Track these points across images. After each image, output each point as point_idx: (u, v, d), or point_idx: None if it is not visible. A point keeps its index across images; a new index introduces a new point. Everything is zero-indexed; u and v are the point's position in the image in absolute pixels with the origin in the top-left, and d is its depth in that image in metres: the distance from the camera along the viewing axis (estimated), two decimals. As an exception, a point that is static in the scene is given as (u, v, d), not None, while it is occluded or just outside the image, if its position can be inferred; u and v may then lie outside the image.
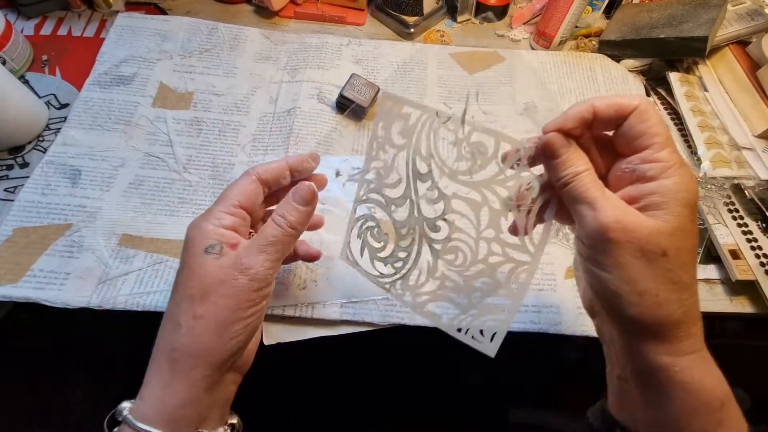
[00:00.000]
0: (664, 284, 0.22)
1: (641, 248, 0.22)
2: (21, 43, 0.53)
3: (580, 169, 0.24)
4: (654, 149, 0.23)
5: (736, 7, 0.57)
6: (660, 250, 0.22)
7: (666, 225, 0.22)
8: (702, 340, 0.24)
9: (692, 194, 0.23)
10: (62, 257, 0.42)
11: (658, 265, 0.22)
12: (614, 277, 0.23)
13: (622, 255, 0.22)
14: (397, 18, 0.62)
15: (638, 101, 0.24)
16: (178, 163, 0.49)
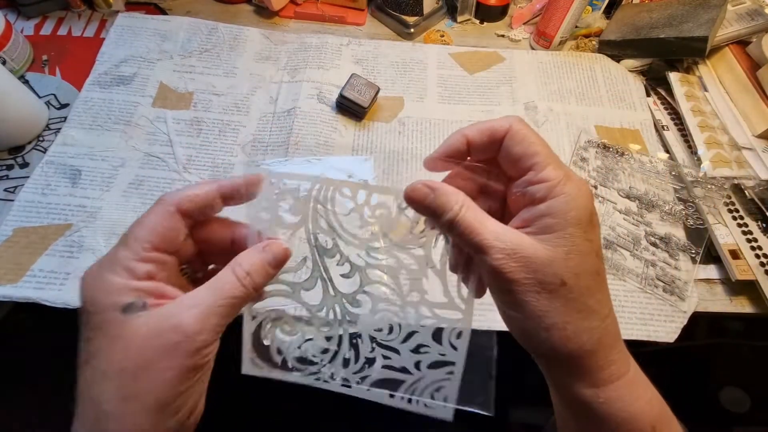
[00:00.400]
0: (570, 315, 0.21)
1: (539, 281, 0.21)
2: (21, 43, 0.53)
3: (450, 216, 0.22)
4: (536, 169, 0.22)
5: (736, 7, 0.57)
6: (558, 280, 0.21)
7: (559, 250, 0.21)
8: (626, 363, 0.23)
9: (583, 210, 0.21)
10: (62, 257, 0.42)
11: (559, 295, 0.21)
12: (520, 315, 0.22)
13: (521, 292, 0.21)
14: (397, 18, 0.62)
15: (509, 123, 0.23)
16: (178, 163, 0.49)
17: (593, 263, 0.22)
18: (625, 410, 0.22)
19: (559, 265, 0.21)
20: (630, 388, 0.23)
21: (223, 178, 0.26)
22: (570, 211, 0.21)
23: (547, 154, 0.23)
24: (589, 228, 0.22)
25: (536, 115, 0.55)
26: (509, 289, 0.21)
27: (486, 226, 0.22)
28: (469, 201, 0.23)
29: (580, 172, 0.50)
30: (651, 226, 0.47)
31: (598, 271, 0.22)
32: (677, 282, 0.44)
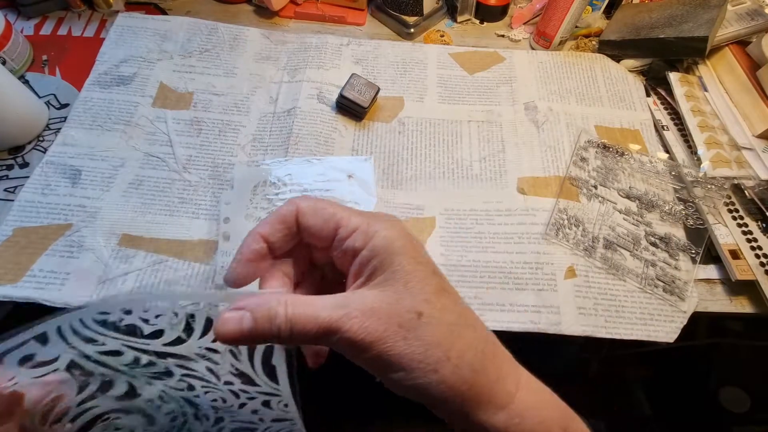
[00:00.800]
0: (444, 342, 0.20)
1: (399, 325, 0.20)
2: (21, 43, 0.53)
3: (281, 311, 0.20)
4: (343, 224, 0.22)
5: (736, 7, 0.57)
6: (413, 314, 0.20)
7: (398, 286, 0.20)
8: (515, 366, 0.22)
9: (402, 237, 0.21)
10: (62, 257, 0.42)
11: (422, 327, 0.20)
12: (403, 372, 0.20)
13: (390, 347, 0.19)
14: (397, 18, 0.62)
15: (295, 204, 0.22)
16: (178, 163, 0.49)
17: (436, 283, 0.21)
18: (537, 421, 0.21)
19: (405, 299, 0.20)
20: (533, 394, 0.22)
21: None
22: (390, 244, 0.21)
23: (343, 209, 0.22)
24: (415, 252, 0.21)
25: (536, 115, 0.55)
26: (378, 353, 0.19)
27: (321, 305, 0.20)
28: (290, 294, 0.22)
29: (580, 172, 0.50)
30: (651, 226, 0.47)
31: (444, 287, 0.21)
32: (677, 282, 0.44)
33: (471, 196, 0.49)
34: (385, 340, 0.19)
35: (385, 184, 0.49)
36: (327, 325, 0.19)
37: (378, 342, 0.19)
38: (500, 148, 0.52)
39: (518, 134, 0.53)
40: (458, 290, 0.41)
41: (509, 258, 0.45)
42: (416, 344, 0.19)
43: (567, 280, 0.44)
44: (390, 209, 0.47)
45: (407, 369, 0.19)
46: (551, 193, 0.49)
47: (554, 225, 0.46)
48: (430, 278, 0.21)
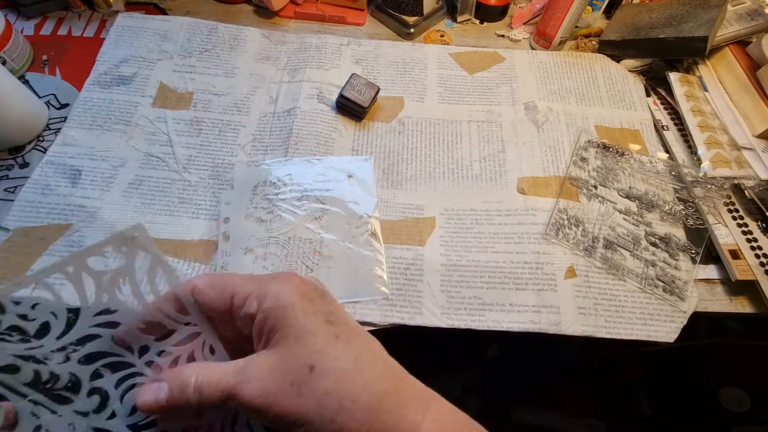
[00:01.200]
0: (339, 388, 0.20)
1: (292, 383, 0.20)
2: (21, 43, 0.53)
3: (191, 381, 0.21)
4: (237, 292, 0.23)
5: (736, 7, 0.57)
6: (305, 369, 0.20)
7: (290, 342, 0.21)
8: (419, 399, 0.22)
9: (292, 294, 0.22)
10: (62, 257, 0.42)
11: (317, 380, 0.20)
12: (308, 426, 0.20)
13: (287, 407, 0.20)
14: (397, 18, 0.62)
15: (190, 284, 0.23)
16: (178, 163, 0.49)
17: (327, 331, 0.22)
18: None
19: (297, 355, 0.21)
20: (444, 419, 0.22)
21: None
22: (280, 301, 0.22)
23: (234, 280, 0.23)
24: (306, 304, 0.22)
25: (536, 115, 0.55)
26: (276, 413, 0.20)
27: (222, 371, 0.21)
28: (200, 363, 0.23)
29: (580, 172, 0.50)
30: (651, 226, 0.47)
31: (337, 334, 0.22)
32: (677, 282, 0.44)
33: (471, 196, 0.49)
34: (279, 401, 0.20)
35: (385, 184, 0.49)
36: (228, 390, 0.20)
37: (273, 404, 0.20)
38: (500, 148, 0.52)
39: (518, 134, 0.53)
40: (458, 290, 0.41)
41: (509, 258, 0.45)
42: (310, 398, 0.20)
43: (567, 280, 0.44)
44: (390, 209, 0.47)
45: (306, 423, 0.20)
46: (551, 193, 0.49)
47: (554, 225, 0.46)
48: (322, 328, 0.22)
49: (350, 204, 0.46)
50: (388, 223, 0.46)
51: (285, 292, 0.22)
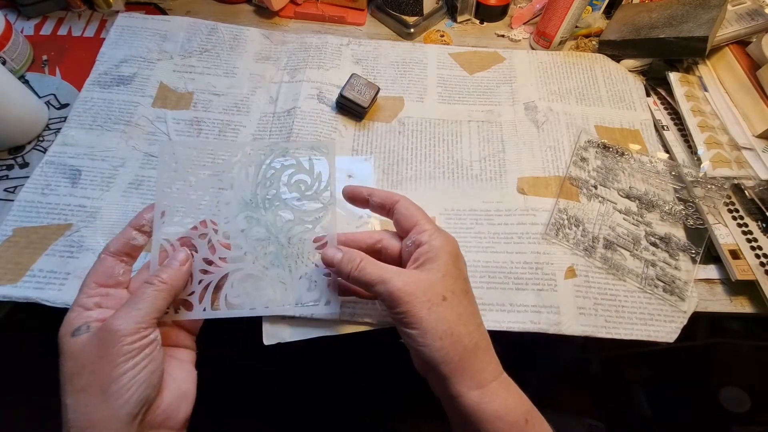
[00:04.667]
0: (454, 322, 0.28)
1: (428, 300, 0.28)
2: (21, 43, 0.53)
3: (356, 263, 0.31)
4: (419, 224, 0.32)
5: (736, 7, 0.57)
6: (439, 296, 0.28)
7: (438, 274, 0.29)
8: (499, 366, 0.29)
9: (453, 247, 0.31)
10: (62, 257, 0.42)
11: (443, 308, 0.28)
12: (418, 331, 0.28)
13: (416, 311, 0.28)
14: (397, 18, 0.62)
15: (400, 197, 0.34)
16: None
17: (462, 285, 0.30)
18: (504, 405, 0.27)
19: (439, 285, 0.29)
20: (507, 386, 0.29)
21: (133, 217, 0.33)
22: (443, 246, 0.30)
23: (425, 216, 0.33)
24: (458, 261, 0.31)
25: (536, 115, 0.55)
26: (406, 310, 0.28)
27: (384, 266, 0.30)
28: (368, 257, 0.31)
29: (580, 172, 0.50)
30: (651, 226, 0.47)
31: (467, 290, 0.30)
32: (677, 282, 0.44)
33: (471, 196, 0.49)
34: (414, 303, 0.28)
35: (385, 184, 0.49)
36: (381, 277, 0.29)
37: (409, 302, 0.28)
38: (500, 148, 0.52)
39: (518, 134, 0.53)
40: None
41: (509, 258, 0.45)
42: (434, 316, 0.28)
43: (567, 280, 0.44)
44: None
45: (422, 329, 0.28)
46: (551, 193, 0.49)
47: (554, 225, 0.46)
48: (460, 281, 0.30)
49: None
50: (388, 223, 0.46)
51: (450, 243, 0.31)
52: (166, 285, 0.30)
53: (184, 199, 0.34)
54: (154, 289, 0.29)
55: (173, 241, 0.33)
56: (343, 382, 0.78)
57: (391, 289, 0.29)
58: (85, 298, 0.29)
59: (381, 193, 0.35)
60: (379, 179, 0.49)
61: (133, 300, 0.29)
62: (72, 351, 0.27)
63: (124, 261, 0.32)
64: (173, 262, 0.31)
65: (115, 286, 0.31)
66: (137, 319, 0.28)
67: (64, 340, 0.27)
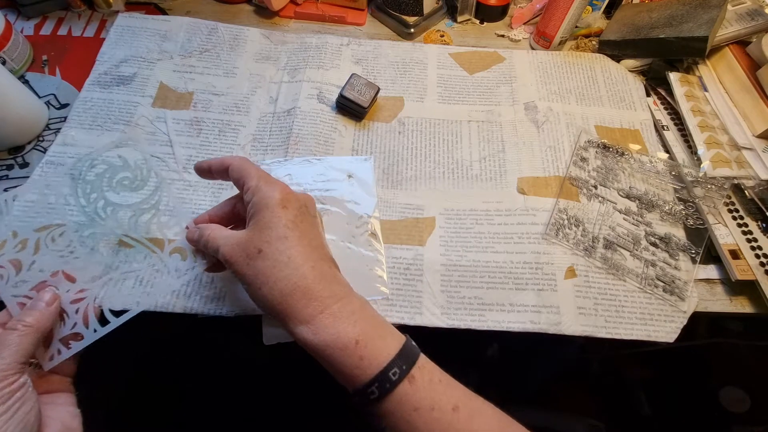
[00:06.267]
0: (270, 271, 0.30)
1: (247, 255, 0.30)
2: (21, 43, 0.53)
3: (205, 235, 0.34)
4: (247, 182, 0.33)
5: (736, 7, 0.57)
6: (256, 249, 0.30)
7: (255, 229, 0.31)
8: (329, 299, 0.30)
9: (273, 199, 0.31)
10: (62, 257, 0.42)
11: (259, 259, 0.30)
12: (246, 285, 0.31)
13: (240, 267, 0.30)
14: (397, 18, 0.62)
15: (233, 160, 0.35)
16: (178, 163, 0.49)
17: (281, 231, 0.31)
18: (330, 333, 0.29)
19: (255, 239, 0.31)
20: (335, 317, 0.30)
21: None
22: (261, 200, 0.32)
23: (253, 171, 0.34)
24: (278, 209, 0.31)
25: (536, 115, 0.55)
26: (234, 270, 0.31)
27: (220, 234, 0.33)
28: (216, 226, 0.34)
29: (580, 172, 0.50)
30: (651, 226, 0.47)
31: (287, 236, 0.31)
32: (677, 282, 0.44)
33: (471, 196, 0.49)
34: (237, 262, 0.31)
35: (385, 184, 0.49)
36: (216, 245, 0.32)
37: (234, 263, 0.31)
38: (500, 148, 0.52)
39: (518, 134, 0.53)
40: (458, 290, 0.42)
41: (509, 258, 0.45)
42: (252, 269, 0.30)
43: (567, 280, 0.44)
44: (390, 209, 0.47)
45: (247, 283, 0.31)
46: (551, 193, 0.49)
47: (554, 225, 0.46)
48: (279, 229, 0.31)
49: (350, 204, 0.46)
50: (388, 223, 0.46)
51: (269, 194, 0.32)
52: (31, 329, 0.30)
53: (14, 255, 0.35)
54: (18, 334, 0.29)
55: (27, 293, 0.33)
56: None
57: (222, 255, 0.31)
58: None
59: (215, 162, 0.36)
60: (379, 179, 0.49)
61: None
62: None
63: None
64: (39, 303, 0.32)
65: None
66: (2, 368, 0.28)
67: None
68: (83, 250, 0.36)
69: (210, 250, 0.33)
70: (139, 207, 0.38)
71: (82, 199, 0.38)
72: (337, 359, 0.29)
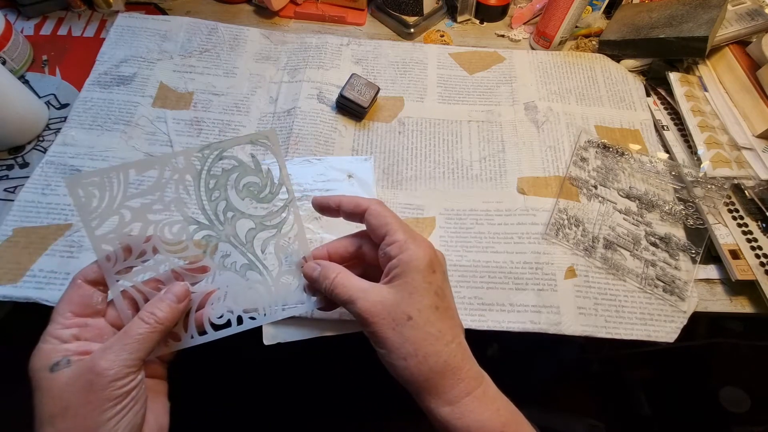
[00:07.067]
0: (419, 343, 0.27)
1: (392, 319, 0.28)
2: (21, 43, 0.53)
3: (331, 278, 0.30)
4: (390, 234, 0.30)
5: (736, 7, 0.57)
6: (405, 315, 0.28)
7: (404, 293, 0.28)
8: (476, 380, 0.29)
9: (422, 260, 0.29)
10: (62, 257, 0.42)
11: (408, 327, 0.27)
12: (385, 350, 0.28)
13: (381, 330, 0.28)
14: (397, 18, 0.62)
15: (370, 203, 0.32)
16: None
17: (432, 300, 0.29)
18: (476, 420, 0.27)
19: (405, 303, 0.28)
20: (480, 401, 0.28)
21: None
22: (411, 261, 0.29)
23: (396, 223, 0.31)
24: (428, 273, 0.29)
25: (536, 115, 0.55)
26: (372, 331, 0.28)
27: (354, 284, 0.30)
28: (344, 270, 0.31)
29: (580, 172, 0.50)
30: (651, 226, 0.47)
31: (437, 306, 0.29)
32: (677, 282, 0.44)
33: (471, 196, 0.49)
34: (379, 323, 0.28)
35: (385, 184, 0.49)
36: (350, 297, 0.29)
37: (374, 323, 0.28)
38: (500, 148, 0.52)
39: (518, 134, 0.53)
40: (458, 290, 0.42)
41: (509, 258, 0.45)
42: (398, 337, 0.28)
43: (567, 280, 0.44)
44: (390, 209, 0.47)
45: (388, 349, 0.28)
46: (551, 193, 0.49)
47: (554, 225, 0.46)
48: (430, 297, 0.29)
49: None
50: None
51: (419, 255, 0.29)
52: (161, 326, 0.28)
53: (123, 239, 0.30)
54: (148, 330, 0.27)
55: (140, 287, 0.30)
56: (341, 381, 0.78)
57: (358, 310, 0.29)
58: (60, 329, 0.27)
59: (349, 202, 0.32)
60: (379, 179, 0.49)
61: (122, 339, 0.27)
62: (52, 389, 0.25)
63: (101, 289, 0.29)
64: (169, 297, 0.29)
65: (93, 315, 0.29)
66: (127, 363, 0.26)
67: (41, 375, 0.25)
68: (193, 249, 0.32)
69: (339, 298, 0.30)
70: (262, 222, 0.33)
71: (204, 193, 0.31)
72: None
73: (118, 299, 0.29)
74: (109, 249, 0.29)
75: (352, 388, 0.77)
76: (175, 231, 0.31)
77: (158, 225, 0.30)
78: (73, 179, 0.27)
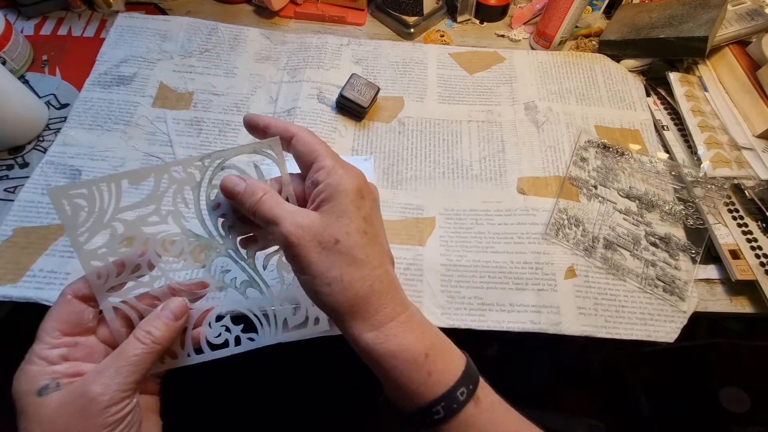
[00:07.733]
0: (344, 267, 0.26)
1: (319, 242, 0.26)
2: (21, 43, 0.53)
3: (258, 196, 0.27)
4: (318, 160, 0.28)
5: (736, 7, 0.57)
6: (332, 239, 0.26)
7: (332, 216, 0.26)
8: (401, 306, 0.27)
9: (351, 185, 0.27)
10: (62, 257, 0.42)
11: (334, 251, 0.26)
12: (309, 276, 0.26)
13: (306, 254, 0.26)
14: (397, 18, 0.62)
15: (298, 129, 0.29)
16: (178, 163, 0.49)
17: (360, 224, 0.27)
18: (399, 344, 0.26)
19: (332, 227, 0.26)
20: (405, 326, 0.27)
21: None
22: (339, 185, 0.27)
23: (326, 150, 0.28)
24: (357, 198, 0.27)
25: (536, 115, 0.55)
26: (297, 254, 0.26)
27: (281, 207, 0.27)
28: (272, 190, 0.28)
29: (580, 172, 0.50)
30: (651, 226, 0.47)
31: (366, 231, 0.27)
32: (677, 282, 0.44)
33: (471, 196, 0.49)
34: (305, 246, 0.25)
35: (385, 184, 0.49)
36: (275, 217, 0.26)
37: (299, 246, 0.25)
38: (500, 148, 0.52)
39: (518, 134, 0.53)
40: (458, 290, 0.41)
41: (509, 258, 0.45)
42: (324, 261, 0.26)
43: (567, 280, 0.44)
44: (390, 209, 0.47)
45: (312, 275, 0.26)
46: (551, 193, 0.49)
47: (554, 225, 0.46)
48: (358, 221, 0.27)
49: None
50: (388, 223, 0.46)
51: (348, 179, 0.27)
52: (158, 346, 0.26)
53: (115, 255, 0.28)
54: (144, 350, 0.25)
55: (134, 303, 0.28)
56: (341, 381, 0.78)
57: (283, 232, 0.26)
58: (48, 349, 0.25)
59: (278, 125, 0.29)
60: (379, 179, 0.49)
61: (116, 361, 0.25)
62: (39, 414, 0.23)
63: (93, 305, 0.27)
64: (166, 314, 0.27)
65: (83, 333, 0.27)
66: (122, 387, 0.24)
67: (27, 399, 0.23)
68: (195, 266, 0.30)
69: (263, 218, 0.27)
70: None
71: (204, 205, 0.30)
72: (404, 373, 0.26)
73: (111, 318, 0.27)
74: (99, 265, 0.27)
75: (351, 388, 0.78)
76: (172, 245, 0.29)
77: (154, 238, 0.28)
78: (58, 190, 0.25)
